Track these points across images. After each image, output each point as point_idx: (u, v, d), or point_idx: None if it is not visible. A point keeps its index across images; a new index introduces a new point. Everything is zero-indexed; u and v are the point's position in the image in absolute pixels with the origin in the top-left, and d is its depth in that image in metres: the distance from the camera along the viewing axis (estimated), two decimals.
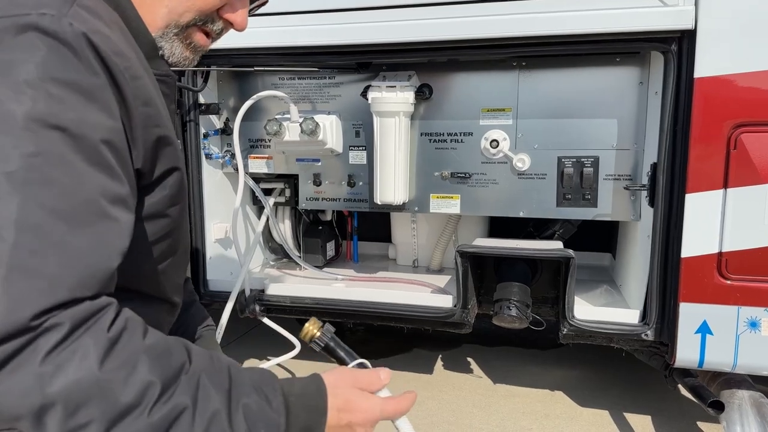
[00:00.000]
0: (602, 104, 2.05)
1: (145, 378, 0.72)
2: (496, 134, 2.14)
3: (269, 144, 2.42)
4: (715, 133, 1.78)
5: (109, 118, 0.79)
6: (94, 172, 0.76)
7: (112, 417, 0.69)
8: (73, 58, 0.76)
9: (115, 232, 0.78)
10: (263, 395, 0.83)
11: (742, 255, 1.80)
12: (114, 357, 0.70)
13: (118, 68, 0.81)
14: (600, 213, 2.11)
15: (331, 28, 2.03)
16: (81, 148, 0.75)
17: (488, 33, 1.90)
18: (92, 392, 0.68)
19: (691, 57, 1.77)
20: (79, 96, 0.76)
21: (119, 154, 0.81)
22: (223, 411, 0.77)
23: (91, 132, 0.76)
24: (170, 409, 0.73)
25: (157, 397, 0.72)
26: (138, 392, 0.71)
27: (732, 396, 1.94)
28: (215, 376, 0.80)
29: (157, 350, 0.76)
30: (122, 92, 0.82)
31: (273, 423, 0.82)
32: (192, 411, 0.74)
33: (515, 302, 2.09)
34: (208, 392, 0.77)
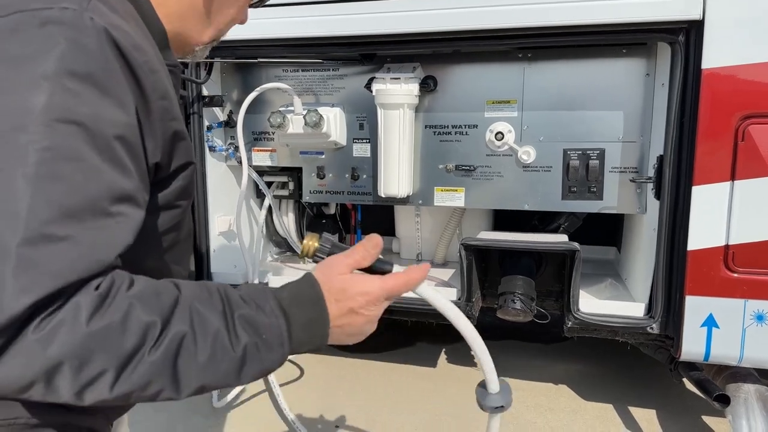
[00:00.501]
0: (608, 96, 2.03)
1: (141, 319, 0.74)
2: (501, 126, 2.13)
3: (273, 137, 2.41)
4: (722, 125, 1.76)
5: (123, 114, 0.80)
6: (106, 168, 0.77)
7: (119, 363, 0.72)
8: (92, 52, 0.77)
9: (119, 228, 0.79)
10: (254, 305, 0.84)
11: (749, 248, 1.79)
12: (105, 308, 0.73)
13: (137, 62, 0.82)
14: (606, 206, 2.10)
15: (335, 18, 2.01)
16: (94, 143, 0.76)
17: (494, 23, 1.88)
18: (92, 344, 0.71)
19: (698, 48, 1.75)
20: (95, 90, 0.76)
21: (132, 150, 0.82)
22: (222, 329, 0.79)
23: (106, 127, 0.77)
24: (171, 339, 0.75)
25: (158, 333, 0.74)
26: (138, 334, 0.73)
27: (738, 390, 1.93)
28: (207, 301, 0.81)
29: (147, 293, 0.78)
30: (141, 86, 0.83)
31: (273, 326, 0.83)
32: (193, 336, 0.77)
33: (520, 295, 2.08)
34: (203, 316, 0.79)
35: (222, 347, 0.79)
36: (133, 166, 0.82)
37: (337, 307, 0.87)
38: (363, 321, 0.90)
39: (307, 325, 0.85)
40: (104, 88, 0.77)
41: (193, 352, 0.76)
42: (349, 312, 0.88)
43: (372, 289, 0.90)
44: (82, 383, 0.71)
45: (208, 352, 0.78)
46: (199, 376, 0.78)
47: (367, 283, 0.90)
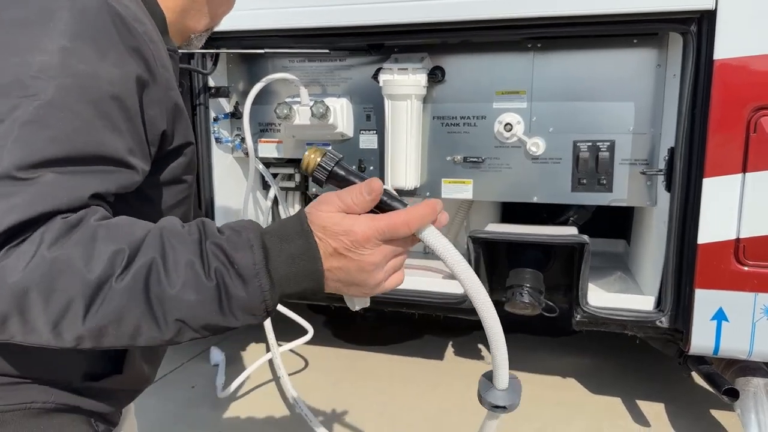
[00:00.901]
0: (619, 87, 2.01)
1: (107, 246, 0.71)
2: (509, 117, 2.11)
3: (279, 128, 2.40)
4: (734, 117, 1.74)
5: (121, 76, 0.81)
6: (97, 124, 0.78)
7: (86, 291, 0.70)
8: (93, 18, 0.80)
9: (98, 179, 0.78)
10: (232, 233, 0.78)
11: (760, 241, 1.77)
12: (71, 235, 0.71)
13: (137, 31, 0.84)
14: (615, 198, 2.08)
15: (342, 8, 2.00)
16: (89, 99, 0.77)
17: (503, 13, 1.86)
18: (56, 271, 0.69)
19: (710, 38, 1.73)
20: (93, 52, 0.79)
21: (127, 112, 0.82)
22: (195, 257, 0.74)
23: (102, 85, 0.78)
24: (140, 266, 0.72)
25: (125, 259, 0.71)
26: (104, 260, 0.71)
27: (747, 383, 1.92)
28: (181, 231, 0.77)
29: (119, 223, 0.76)
30: (143, 54, 0.85)
31: (246, 255, 0.75)
32: (163, 262, 0.73)
33: (528, 289, 2.07)
34: (175, 244, 0.75)
35: (195, 274, 0.73)
36: (127, 127, 0.82)
37: (322, 245, 0.78)
38: (355, 267, 0.78)
39: (290, 260, 0.77)
40: (103, 51, 0.79)
41: (164, 280, 0.72)
42: (335, 254, 0.78)
43: (358, 228, 0.77)
44: (54, 315, 0.69)
45: (182, 279, 0.72)
46: (175, 307, 0.72)
47: (353, 222, 0.78)
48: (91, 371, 0.93)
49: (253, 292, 0.75)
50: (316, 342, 2.50)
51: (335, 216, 0.79)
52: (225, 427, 2.29)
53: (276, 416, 2.34)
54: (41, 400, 0.87)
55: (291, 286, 0.77)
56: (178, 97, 0.95)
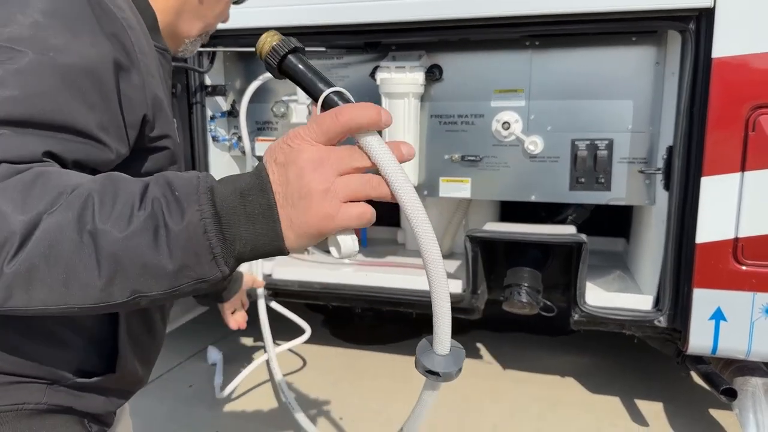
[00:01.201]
0: (617, 85, 2.01)
1: (46, 188, 0.68)
2: (507, 116, 2.10)
3: (276, 126, 2.39)
4: (732, 115, 1.73)
5: (96, 53, 0.81)
6: (65, 96, 0.77)
7: (22, 229, 0.66)
8: (70, 1, 0.82)
9: (58, 143, 0.76)
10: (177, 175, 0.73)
11: (758, 240, 1.76)
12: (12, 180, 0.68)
13: (114, 15, 0.85)
14: (614, 197, 2.07)
15: (338, 6, 1.99)
16: (59, 71, 0.77)
17: (500, 11, 1.85)
18: None
19: (709, 36, 1.72)
20: (67, 31, 0.79)
21: (102, 88, 0.81)
22: (136, 192, 0.69)
23: (74, 59, 0.78)
24: (74, 198, 0.68)
25: (62, 199, 0.68)
26: (40, 201, 0.67)
27: (745, 383, 1.91)
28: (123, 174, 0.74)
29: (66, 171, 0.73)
30: (119, 38, 0.85)
31: (187, 180, 0.70)
32: (99, 197, 0.68)
33: (526, 288, 2.07)
34: (117, 181, 0.71)
35: (131, 206, 0.68)
36: (100, 104, 0.80)
37: (274, 169, 0.70)
38: (293, 173, 0.68)
39: (238, 193, 0.69)
40: (77, 31, 0.80)
41: (98, 213, 0.67)
42: (279, 166, 0.70)
43: (294, 130, 0.72)
44: None
45: (117, 211, 0.67)
46: (107, 240, 0.66)
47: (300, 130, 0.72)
48: (84, 369, 0.92)
49: (192, 219, 0.67)
50: (314, 341, 2.50)
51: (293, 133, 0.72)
52: (223, 427, 2.29)
53: (274, 416, 2.33)
54: (33, 401, 0.86)
55: (241, 223, 0.68)
56: (158, 88, 0.93)
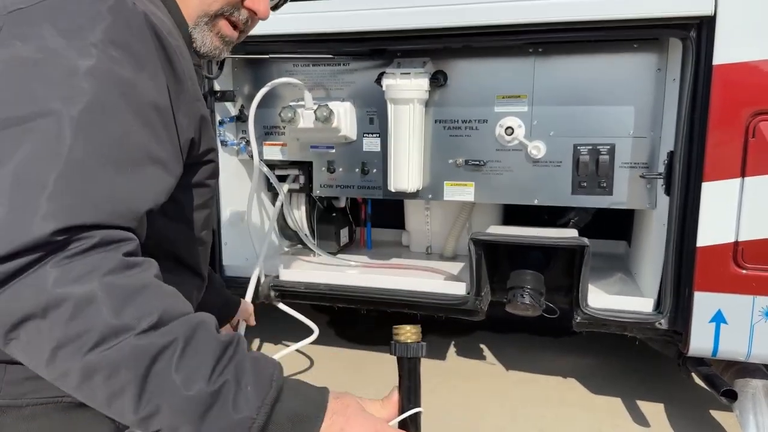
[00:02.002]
0: (619, 91, 2.03)
1: (149, 302, 0.74)
2: (511, 121, 2.13)
3: (284, 131, 2.43)
4: (733, 121, 1.76)
5: (155, 87, 0.87)
6: (140, 128, 0.83)
7: (108, 329, 0.70)
8: (133, 29, 0.86)
9: (149, 184, 0.84)
10: (261, 361, 0.80)
11: (758, 244, 1.79)
12: (127, 273, 0.74)
13: (170, 45, 0.91)
14: (615, 201, 2.10)
15: (345, 14, 2.02)
16: (132, 105, 0.83)
17: (504, 19, 1.88)
18: (94, 304, 0.70)
19: (710, 44, 1.75)
20: (133, 61, 0.84)
21: (164, 119, 0.88)
22: (211, 359, 0.75)
23: (142, 94, 0.84)
24: (161, 335, 0.73)
25: (153, 324, 0.73)
26: (138, 312, 0.72)
27: (745, 385, 1.94)
28: (214, 331, 0.79)
29: (165, 289, 0.79)
30: (174, 66, 0.91)
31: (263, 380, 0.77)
32: (182, 346, 0.73)
33: (529, 290, 2.09)
34: (203, 337, 0.76)
35: (202, 374, 0.73)
36: (165, 134, 0.88)
37: (331, 419, 0.81)
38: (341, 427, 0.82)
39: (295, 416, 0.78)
40: (141, 62, 0.85)
41: (174, 362, 0.72)
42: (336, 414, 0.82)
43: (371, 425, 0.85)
44: (65, 337, 0.70)
45: (189, 370, 0.73)
46: (167, 390, 0.72)
47: (369, 419, 0.86)
48: None
49: (242, 422, 0.74)
50: (319, 342, 2.52)
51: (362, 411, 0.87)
52: None
53: None
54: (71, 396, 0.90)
55: None
56: (204, 108, 1.02)
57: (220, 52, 1.12)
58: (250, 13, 1.11)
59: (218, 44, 1.10)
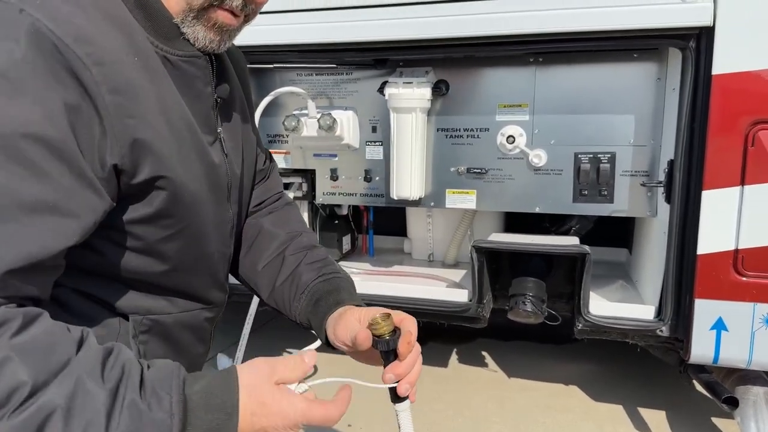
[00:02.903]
0: (619, 100, 2.05)
1: (13, 376, 0.64)
2: (512, 130, 2.15)
3: (287, 139, 2.45)
4: (732, 130, 1.77)
5: (41, 112, 0.72)
6: (10, 169, 0.70)
7: None
8: (10, 49, 0.71)
9: (19, 236, 0.70)
10: (155, 395, 0.72)
11: (758, 252, 1.80)
12: None
13: (74, 55, 0.75)
14: (616, 209, 2.11)
15: (348, 25, 2.05)
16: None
17: (505, 30, 1.90)
18: None
19: (709, 54, 1.77)
20: (5, 88, 0.71)
21: (55, 150, 0.73)
22: (102, 411, 0.68)
23: (13, 126, 0.70)
24: (39, 408, 0.65)
25: (25, 398, 0.64)
26: (3, 391, 0.63)
27: (747, 392, 1.95)
28: (100, 374, 0.70)
29: (35, 346, 0.68)
30: (80, 80, 0.75)
31: (162, 424, 0.70)
32: (66, 411, 0.66)
33: (531, 297, 2.11)
34: (88, 391, 0.68)
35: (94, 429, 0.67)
36: (57, 168, 0.73)
37: (250, 420, 0.77)
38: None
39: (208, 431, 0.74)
40: (18, 86, 0.71)
41: (58, 429, 0.65)
42: (260, 429, 0.78)
43: (292, 413, 0.79)
44: None
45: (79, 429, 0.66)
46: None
47: (290, 405, 0.80)
48: None
49: None
50: (323, 348, 2.54)
51: (277, 393, 0.79)
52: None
53: None
54: None
55: None
56: (145, 129, 0.82)
57: (218, 44, 0.96)
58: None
59: (213, 36, 0.94)
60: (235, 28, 0.97)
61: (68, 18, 0.76)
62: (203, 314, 1.09)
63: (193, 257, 1.01)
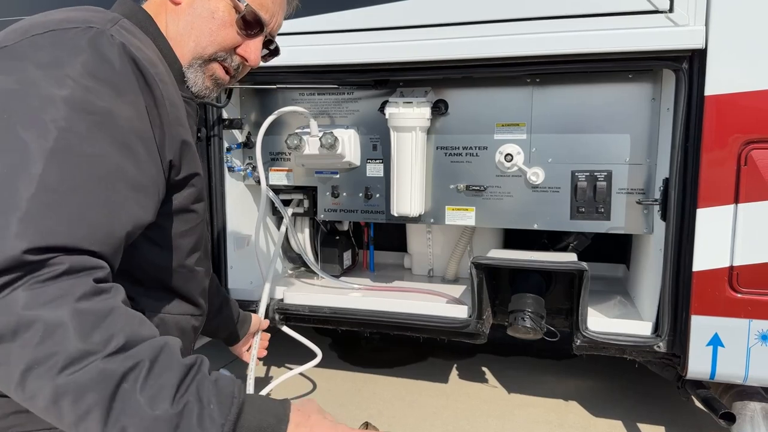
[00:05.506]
0: (615, 119, 2.09)
1: (112, 328, 0.77)
2: (510, 148, 2.19)
3: (289, 157, 2.49)
4: (725, 150, 1.81)
5: (135, 112, 0.92)
6: (117, 153, 0.88)
7: (74, 352, 0.73)
8: (110, 61, 0.92)
9: (126, 208, 0.87)
10: (223, 380, 0.84)
11: (753, 269, 1.83)
12: (91, 303, 0.76)
13: (148, 71, 0.96)
14: (613, 226, 2.15)
15: (349, 47, 2.10)
16: (109, 131, 0.87)
17: (502, 52, 1.95)
18: (63, 327, 0.73)
19: (701, 75, 1.81)
20: (110, 91, 0.89)
21: (145, 143, 0.93)
22: (177, 379, 0.79)
23: (120, 120, 0.89)
24: (126, 358, 0.76)
25: (118, 347, 0.76)
26: (105, 336, 0.76)
27: (744, 408, 1.96)
28: (178, 355, 0.83)
29: (132, 313, 0.82)
30: (153, 92, 0.96)
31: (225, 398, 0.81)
32: (148, 368, 0.77)
33: (530, 313, 2.13)
34: (168, 360, 0.80)
35: (167, 394, 0.77)
36: (146, 158, 0.93)
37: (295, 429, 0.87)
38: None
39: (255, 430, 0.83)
40: (119, 90, 0.91)
41: (139, 383, 0.75)
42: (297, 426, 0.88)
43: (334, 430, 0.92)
44: (36, 358, 0.72)
45: (154, 391, 0.76)
46: (133, 411, 0.74)
47: (334, 427, 0.93)
48: None
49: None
50: (322, 365, 2.55)
51: (324, 420, 0.92)
52: None
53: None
54: None
55: None
56: (187, 134, 1.06)
57: (210, 92, 1.20)
58: (242, 60, 1.20)
59: (209, 85, 1.19)
60: (224, 84, 1.22)
61: (138, 46, 0.98)
62: (192, 321, 1.21)
63: (197, 257, 1.17)
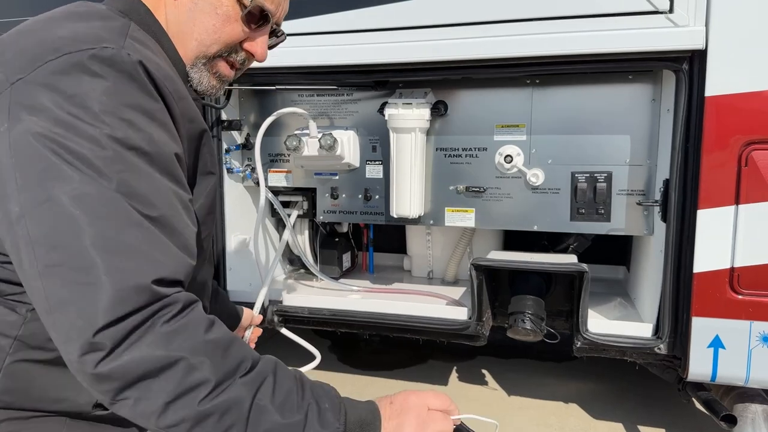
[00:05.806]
0: (615, 120, 2.08)
1: (239, 352, 0.86)
2: (510, 150, 2.18)
3: (288, 158, 2.48)
4: (726, 151, 1.80)
5: (169, 135, 0.92)
6: (167, 181, 0.89)
7: (215, 381, 0.81)
8: (135, 83, 0.89)
9: (189, 228, 0.92)
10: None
11: (754, 270, 1.82)
12: (214, 334, 0.85)
13: (167, 90, 0.93)
14: (613, 227, 2.14)
15: (349, 48, 2.09)
16: (154, 162, 0.88)
17: (502, 53, 1.94)
18: (203, 359, 0.81)
19: (701, 76, 1.80)
20: (144, 117, 0.88)
21: (182, 164, 0.95)
22: (294, 387, 0.89)
23: (161, 147, 0.89)
24: (257, 373, 0.86)
25: (249, 366, 0.86)
26: (237, 358, 0.85)
27: (745, 410, 1.95)
28: (283, 364, 0.92)
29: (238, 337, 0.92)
30: (172, 112, 0.94)
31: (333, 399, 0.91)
32: (273, 379, 0.86)
33: (530, 315, 2.12)
34: (283, 371, 0.90)
35: (291, 402, 0.86)
36: (183, 175, 0.95)
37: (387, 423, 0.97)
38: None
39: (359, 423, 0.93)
40: (150, 115, 0.89)
41: (269, 394, 0.84)
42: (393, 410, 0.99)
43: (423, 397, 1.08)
44: (181, 390, 0.78)
45: (281, 399, 0.85)
46: (268, 419, 0.83)
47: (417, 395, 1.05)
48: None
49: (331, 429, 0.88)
50: (322, 367, 2.54)
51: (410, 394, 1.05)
52: None
53: None
54: None
55: None
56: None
57: (216, 91, 1.16)
58: (248, 55, 1.14)
59: (215, 83, 1.14)
60: (229, 80, 1.17)
61: (152, 59, 0.94)
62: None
63: (203, 257, 1.16)
